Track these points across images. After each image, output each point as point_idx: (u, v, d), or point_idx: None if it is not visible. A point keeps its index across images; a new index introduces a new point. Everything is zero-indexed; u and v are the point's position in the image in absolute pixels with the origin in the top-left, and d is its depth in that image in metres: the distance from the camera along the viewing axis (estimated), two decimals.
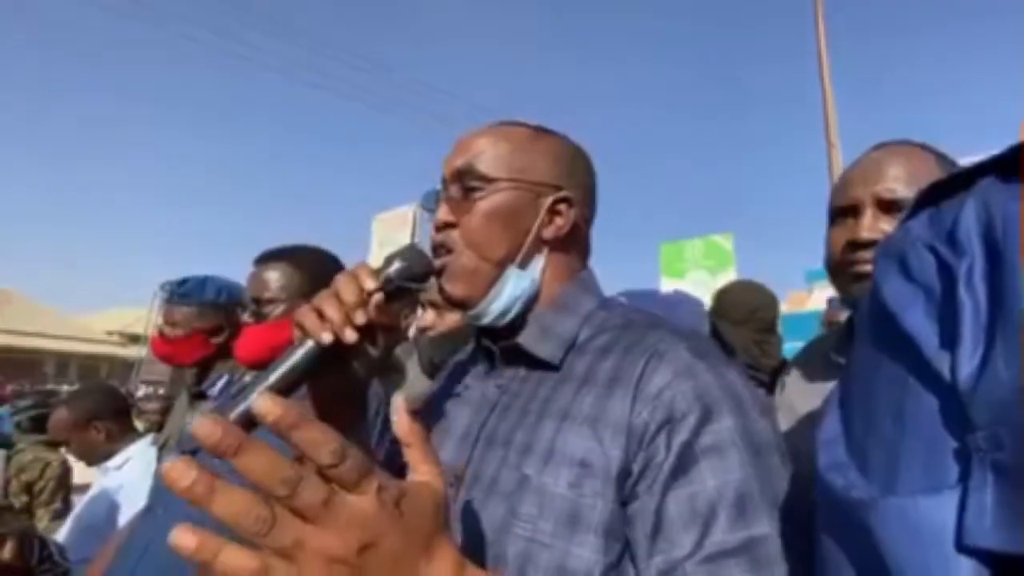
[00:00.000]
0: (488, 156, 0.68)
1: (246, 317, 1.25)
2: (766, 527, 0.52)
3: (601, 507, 0.56)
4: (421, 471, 0.42)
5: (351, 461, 0.35)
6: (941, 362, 0.43)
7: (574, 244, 0.72)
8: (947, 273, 0.45)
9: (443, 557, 0.39)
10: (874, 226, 0.83)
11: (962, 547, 0.37)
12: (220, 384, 1.68)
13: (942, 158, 0.88)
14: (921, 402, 0.44)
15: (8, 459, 2.73)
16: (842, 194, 0.89)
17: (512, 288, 0.67)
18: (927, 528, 0.39)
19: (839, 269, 0.88)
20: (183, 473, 0.31)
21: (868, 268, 0.84)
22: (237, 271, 1.82)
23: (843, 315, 2.20)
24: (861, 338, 0.52)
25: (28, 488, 2.81)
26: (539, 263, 0.69)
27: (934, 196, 0.49)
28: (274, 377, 0.55)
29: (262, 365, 1.31)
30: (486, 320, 0.69)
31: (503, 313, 0.68)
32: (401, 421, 0.43)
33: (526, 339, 0.68)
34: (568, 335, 0.67)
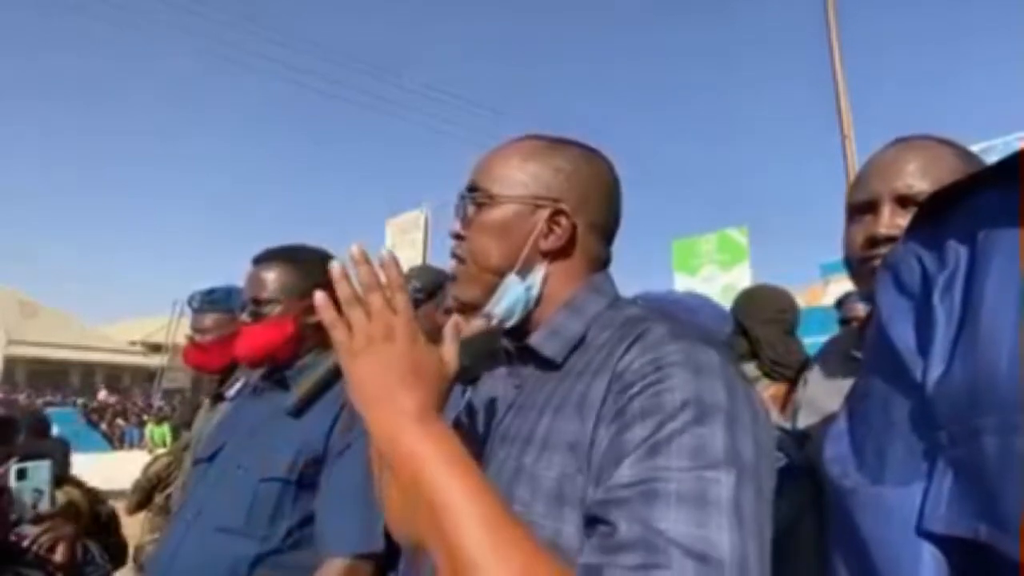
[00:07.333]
0: (494, 174, 0.74)
1: (244, 316, 1.24)
2: (674, 478, 0.51)
3: (580, 482, 0.58)
4: (446, 354, 0.64)
5: (400, 298, 0.61)
6: (916, 367, 0.46)
7: (578, 251, 0.74)
8: (928, 283, 0.47)
9: (422, 395, 0.59)
10: (892, 222, 0.81)
11: (920, 531, 0.40)
12: (237, 387, 1.70)
13: (961, 152, 0.85)
14: (902, 404, 0.47)
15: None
16: (860, 190, 0.87)
17: (511, 295, 0.71)
18: (897, 514, 0.42)
19: (858, 265, 0.86)
20: (341, 275, 0.61)
21: None
22: None
23: (860, 309, 2.17)
24: (866, 345, 0.54)
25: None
26: (539, 272, 0.72)
27: (936, 206, 0.50)
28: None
29: (261, 364, 1.30)
30: (495, 321, 0.73)
31: (507, 316, 0.72)
32: (449, 326, 0.68)
33: (535, 339, 0.71)
34: (574, 335, 0.69)
